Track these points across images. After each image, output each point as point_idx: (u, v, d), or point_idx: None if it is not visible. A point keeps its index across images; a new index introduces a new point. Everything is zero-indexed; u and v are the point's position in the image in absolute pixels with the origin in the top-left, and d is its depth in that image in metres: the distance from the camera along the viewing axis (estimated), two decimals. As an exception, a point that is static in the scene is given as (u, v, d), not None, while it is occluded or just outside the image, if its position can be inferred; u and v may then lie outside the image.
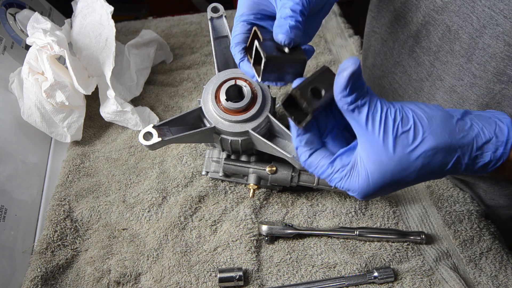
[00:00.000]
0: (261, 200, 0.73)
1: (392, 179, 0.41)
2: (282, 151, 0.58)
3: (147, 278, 0.65)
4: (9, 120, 0.79)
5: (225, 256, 0.67)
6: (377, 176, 0.41)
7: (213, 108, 0.61)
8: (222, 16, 0.67)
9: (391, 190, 0.44)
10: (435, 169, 0.41)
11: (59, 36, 0.78)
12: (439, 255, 0.65)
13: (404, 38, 0.67)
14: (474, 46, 0.54)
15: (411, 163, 0.40)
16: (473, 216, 0.69)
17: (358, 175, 0.43)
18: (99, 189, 0.77)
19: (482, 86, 0.56)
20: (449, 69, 0.60)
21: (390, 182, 0.42)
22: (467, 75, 0.58)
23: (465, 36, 0.55)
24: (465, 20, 0.54)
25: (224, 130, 0.61)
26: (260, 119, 0.61)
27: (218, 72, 0.65)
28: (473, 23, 0.53)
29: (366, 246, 0.67)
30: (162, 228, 0.70)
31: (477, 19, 0.52)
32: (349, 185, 0.44)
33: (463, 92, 0.60)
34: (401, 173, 0.41)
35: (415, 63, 0.67)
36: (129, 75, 0.90)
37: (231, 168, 0.70)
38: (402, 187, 0.45)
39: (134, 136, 0.85)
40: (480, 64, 0.55)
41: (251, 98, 0.61)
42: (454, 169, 0.42)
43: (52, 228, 0.70)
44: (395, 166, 0.41)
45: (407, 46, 0.67)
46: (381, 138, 0.40)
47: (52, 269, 0.66)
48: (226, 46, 0.67)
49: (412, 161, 0.40)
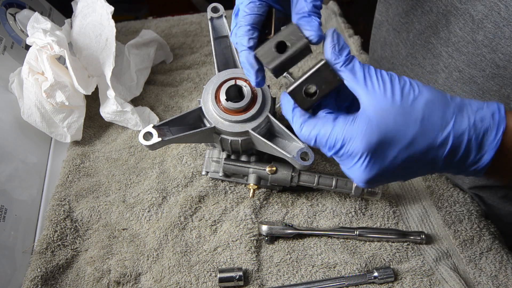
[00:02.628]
0: (261, 200, 0.73)
1: (395, 128, 0.42)
2: (282, 151, 0.58)
3: (147, 278, 0.65)
4: (9, 120, 0.79)
5: (225, 256, 0.67)
6: (381, 122, 0.42)
7: (213, 108, 0.61)
8: (222, 16, 0.67)
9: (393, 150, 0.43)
10: (436, 125, 0.42)
11: (59, 36, 0.78)
12: (439, 255, 0.65)
13: (420, 29, 0.66)
14: (500, 36, 0.53)
15: (412, 110, 0.42)
16: (473, 216, 0.69)
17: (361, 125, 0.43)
18: (99, 189, 0.77)
19: (506, 77, 0.55)
20: (470, 60, 0.59)
21: (392, 132, 0.42)
22: (489, 65, 0.56)
23: (490, 25, 0.54)
24: (491, 9, 0.53)
25: (224, 130, 0.61)
26: (260, 119, 0.61)
27: (218, 72, 0.65)
28: (500, 11, 0.52)
29: (366, 246, 0.67)
30: (162, 228, 0.70)
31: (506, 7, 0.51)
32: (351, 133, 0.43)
33: (483, 83, 0.58)
34: (404, 122, 0.42)
35: (431, 55, 0.65)
36: (129, 75, 0.90)
37: (231, 168, 0.70)
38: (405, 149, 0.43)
39: (134, 136, 0.85)
40: (505, 54, 0.53)
41: (251, 98, 0.61)
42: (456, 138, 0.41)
43: (52, 228, 0.70)
44: (397, 112, 0.42)
45: (423, 37, 0.65)
46: (382, 89, 0.42)
47: (52, 269, 0.66)
48: (226, 46, 0.67)
49: (414, 108, 0.42)
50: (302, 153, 0.56)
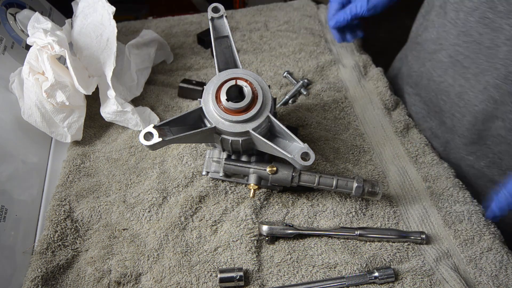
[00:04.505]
0: (262, 200, 0.73)
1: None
2: (282, 151, 0.58)
3: (148, 278, 0.65)
4: (9, 120, 0.79)
5: (226, 256, 0.67)
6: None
7: (213, 108, 0.61)
8: (222, 16, 0.66)
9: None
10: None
11: (59, 36, 0.78)
12: (439, 255, 0.65)
13: (472, 6, 0.64)
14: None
15: None
16: (474, 216, 0.69)
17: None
18: (100, 189, 0.77)
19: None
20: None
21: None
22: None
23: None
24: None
25: (224, 130, 0.61)
26: (260, 119, 0.61)
27: (218, 72, 0.65)
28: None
29: (366, 246, 0.68)
30: (162, 228, 0.70)
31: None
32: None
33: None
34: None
35: (489, 29, 0.64)
36: (129, 75, 0.90)
37: (231, 168, 0.70)
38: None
39: (134, 136, 0.85)
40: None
41: (251, 98, 0.61)
42: None
43: (53, 228, 0.70)
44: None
45: (477, 14, 0.64)
46: None
47: (52, 269, 0.66)
48: (227, 46, 0.67)
49: None
50: (302, 153, 0.56)
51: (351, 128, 0.86)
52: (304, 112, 0.88)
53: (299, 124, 0.86)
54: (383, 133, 0.84)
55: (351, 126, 0.86)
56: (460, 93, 0.73)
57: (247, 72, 0.64)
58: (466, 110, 0.74)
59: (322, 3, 1.25)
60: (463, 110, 0.74)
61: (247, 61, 1.02)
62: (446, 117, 0.80)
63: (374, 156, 0.81)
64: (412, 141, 0.82)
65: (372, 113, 0.89)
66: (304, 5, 1.22)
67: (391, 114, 0.88)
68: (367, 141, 0.83)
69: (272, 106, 0.63)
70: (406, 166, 0.78)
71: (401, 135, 0.84)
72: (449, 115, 0.78)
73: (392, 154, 0.81)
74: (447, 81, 0.75)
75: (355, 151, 0.81)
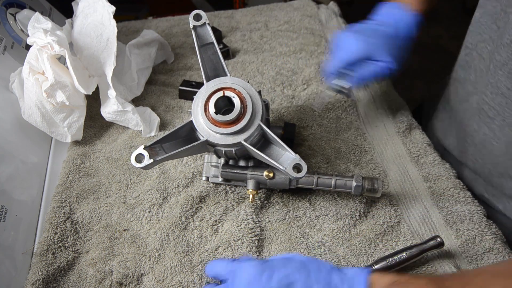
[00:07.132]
0: (262, 200, 0.73)
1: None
2: (275, 163, 0.56)
3: (150, 279, 0.65)
4: (9, 120, 0.79)
5: (227, 255, 0.67)
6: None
7: (203, 121, 0.59)
8: (205, 23, 0.64)
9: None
10: None
11: (59, 36, 0.78)
12: (441, 255, 0.65)
13: (501, 60, 0.63)
14: None
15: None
16: (475, 216, 0.69)
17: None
18: (100, 190, 0.77)
19: None
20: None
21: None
22: None
23: None
24: None
25: (216, 143, 0.59)
26: (251, 129, 0.59)
27: (206, 81, 0.62)
28: None
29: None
30: (163, 229, 0.70)
31: None
32: None
33: None
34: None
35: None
36: (130, 75, 0.90)
37: (229, 175, 0.70)
38: None
39: (134, 136, 0.85)
40: None
41: (240, 108, 0.59)
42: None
43: (53, 230, 0.69)
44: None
45: (506, 69, 0.63)
46: None
47: (53, 272, 0.65)
48: (214, 52, 0.64)
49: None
50: (294, 165, 0.55)
51: (352, 128, 0.86)
52: (306, 112, 0.88)
53: (300, 125, 0.86)
54: (385, 132, 0.84)
55: (352, 126, 0.86)
56: (484, 140, 0.73)
57: (235, 80, 0.61)
58: (489, 159, 0.74)
59: (322, 3, 1.25)
60: (486, 158, 0.74)
61: (248, 61, 1.02)
62: (468, 159, 0.80)
63: (375, 156, 0.81)
64: (414, 141, 0.82)
65: (375, 112, 0.89)
66: (304, 5, 1.22)
67: (394, 114, 0.88)
68: (368, 141, 0.83)
69: (263, 114, 0.60)
70: (407, 165, 0.78)
71: (403, 135, 0.83)
72: (472, 158, 0.78)
73: (393, 153, 0.80)
74: (472, 125, 0.75)
75: (356, 151, 0.81)
